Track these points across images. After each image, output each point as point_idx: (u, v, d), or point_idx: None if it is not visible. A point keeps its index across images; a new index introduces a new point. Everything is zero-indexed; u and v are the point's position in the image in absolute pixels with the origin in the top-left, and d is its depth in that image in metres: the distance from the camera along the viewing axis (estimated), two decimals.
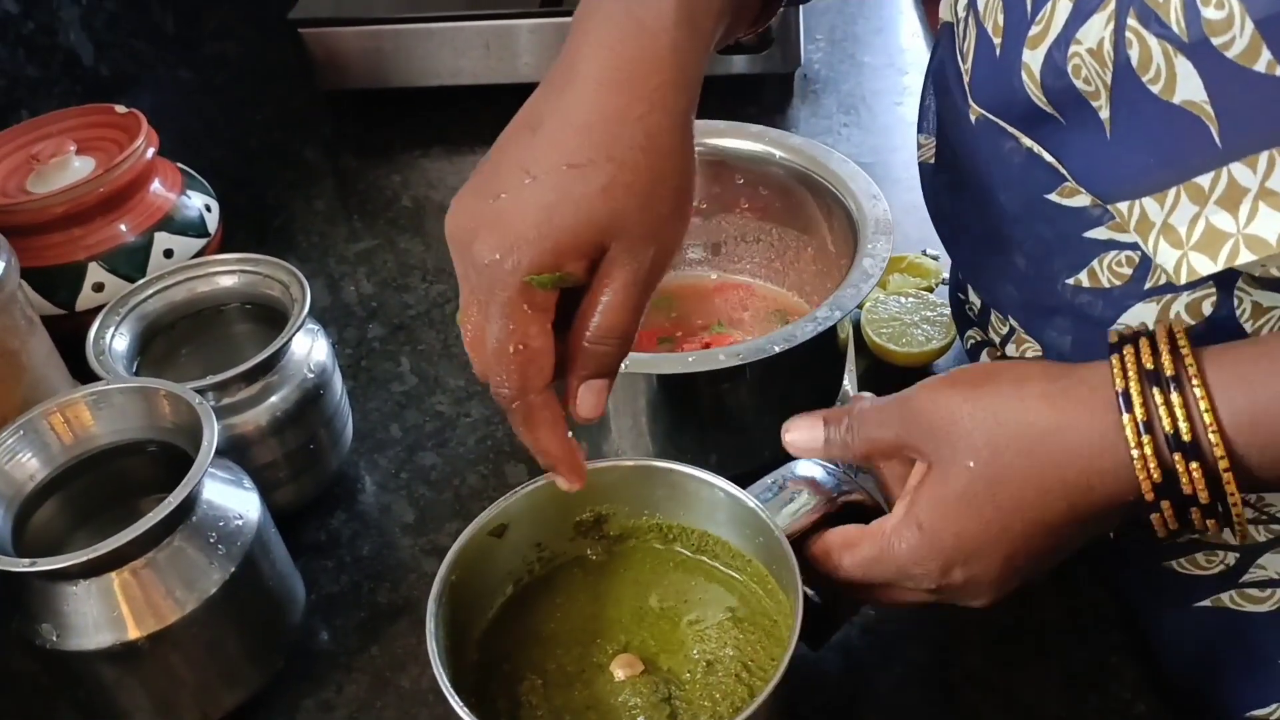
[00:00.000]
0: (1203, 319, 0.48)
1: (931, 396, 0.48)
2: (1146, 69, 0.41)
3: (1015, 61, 0.47)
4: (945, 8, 0.58)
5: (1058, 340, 0.55)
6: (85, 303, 0.77)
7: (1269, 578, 0.56)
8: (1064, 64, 0.44)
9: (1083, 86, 0.44)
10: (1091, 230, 0.50)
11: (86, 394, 0.57)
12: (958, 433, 0.46)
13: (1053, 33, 0.44)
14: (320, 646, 0.62)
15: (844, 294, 0.62)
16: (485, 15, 1.02)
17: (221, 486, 0.57)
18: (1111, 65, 0.42)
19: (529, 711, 0.50)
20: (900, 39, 1.13)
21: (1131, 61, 0.41)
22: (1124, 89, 0.42)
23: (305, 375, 0.65)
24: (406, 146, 1.05)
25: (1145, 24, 0.40)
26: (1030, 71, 0.46)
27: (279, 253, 0.69)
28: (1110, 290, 0.51)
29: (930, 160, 0.64)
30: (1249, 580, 0.57)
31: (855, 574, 0.49)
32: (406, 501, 0.70)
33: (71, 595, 0.52)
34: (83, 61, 1.06)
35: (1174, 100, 0.41)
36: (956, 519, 0.46)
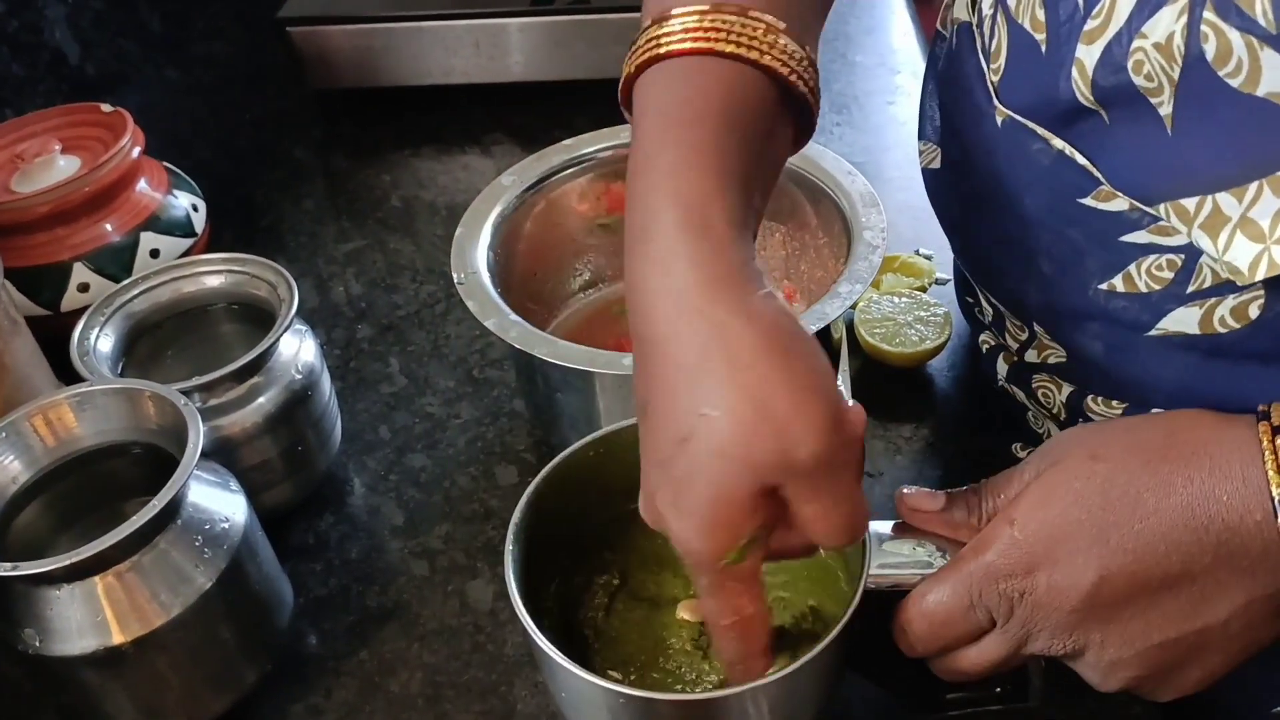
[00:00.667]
0: (1249, 321, 0.47)
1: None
2: (1225, 62, 0.40)
3: (1065, 58, 0.46)
4: (961, 8, 0.57)
5: (1088, 345, 0.54)
6: (70, 303, 0.76)
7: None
8: (1124, 60, 0.43)
9: (1143, 83, 0.43)
10: (1130, 234, 0.49)
11: (70, 395, 0.56)
12: (1103, 433, 0.45)
13: (1113, 27, 0.44)
14: (309, 650, 0.62)
15: (837, 295, 0.61)
16: (475, 14, 1.01)
17: (207, 489, 0.56)
18: (1181, 59, 0.41)
19: (593, 614, 0.53)
20: (892, 39, 1.13)
21: (1207, 55, 0.41)
22: (1194, 83, 0.42)
23: (293, 376, 0.64)
24: (396, 146, 1.04)
25: (1225, 16, 0.39)
26: (1083, 68, 0.45)
27: (267, 252, 0.69)
28: (1149, 295, 0.49)
29: (935, 165, 0.63)
30: None
31: (924, 619, 0.46)
32: (396, 503, 0.69)
33: (55, 599, 0.51)
34: (69, 60, 1.05)
35: (1258, 93, 0.40)
36: (1053, 504, 0.43)
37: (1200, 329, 0.48)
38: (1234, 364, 0.49)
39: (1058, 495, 0.44)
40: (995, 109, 0.52)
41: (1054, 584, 0.43)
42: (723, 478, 0.39)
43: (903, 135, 0.98)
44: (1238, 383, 0.49)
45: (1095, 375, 0.56)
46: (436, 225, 0.93)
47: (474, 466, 0.71)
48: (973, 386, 0.72)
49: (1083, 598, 0.43)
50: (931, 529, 0.48)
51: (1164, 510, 0.42)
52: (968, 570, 0.45)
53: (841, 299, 0.61)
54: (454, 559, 0.65)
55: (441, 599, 0.63)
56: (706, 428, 0.39)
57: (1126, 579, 0.43)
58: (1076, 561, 0.43)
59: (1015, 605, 0.44)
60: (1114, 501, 0.43)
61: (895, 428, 0.70)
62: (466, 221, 0.68)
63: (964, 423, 0.70)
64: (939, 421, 0.70)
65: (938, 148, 0.62)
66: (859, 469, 0.42)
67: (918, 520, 0.48)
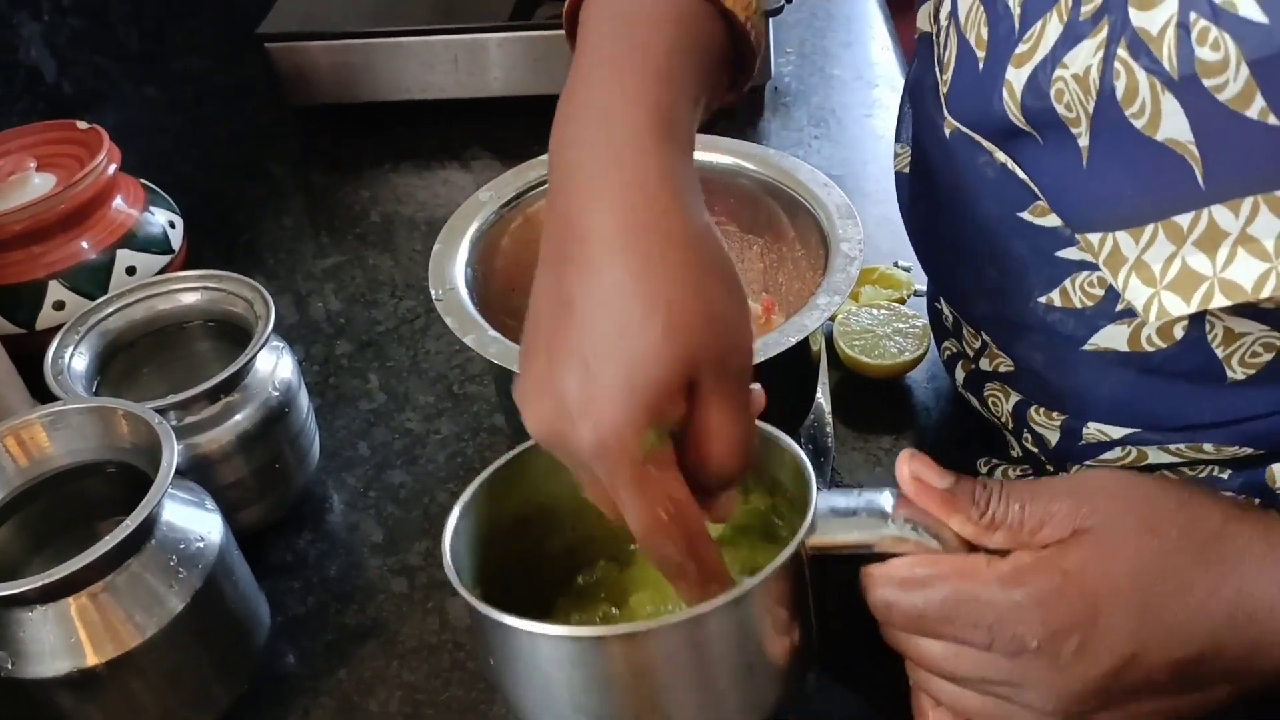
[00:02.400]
0: (1175, 341, 0.48)
1: (1121, 475, 0.45)
2: (1131, 102, 0.40)
3: (997, 78, 0.46)
4: (923, 18, 0.58)
5: (1029, 356, 0.55)
6: (45, 321, 0.75)
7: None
8: (1047, 87, 0.43)
9: (1063, 112, 0.43)
10: (1063, 250, 0.49)
11: (42, 415, 0.56)
12: (1156, 504, 0.43)
13: (1040, 53, 0.44)
14: (286, 670, 0.61)
15: (815, 307, 0.61)
16: (454, 29, 1.01)
17: (182, 508, 0.56)
18: (1095, 94, 0.41)
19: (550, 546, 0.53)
20: (870, 53, 1.13)
21: (1116, 93, 0.41)
22: (1105, 119, 0.42)
23: (270, 393, 0.64)
24: (375, 162, 1.04)
25: (1135, 56, 0.39)
26: (1011, 90, 0.45)
27: (246, 269, 0.68)
28: (1082, 310, 0.50)
29: (905, 170, 0.64)
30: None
31: (917, 604, 0.43)
32: (375, 520, 0.69)
33: (28, 621, 0.51)
34: (45, 78, 1.05)
35: (1157, 137, 0.40)
36: (1113, 568, 0.42)
37: (1129, 346, 0.49)
38: (1167, 381, 0.49)
39: (1118, 561, 0.42)
40: (945, 120, 0.52)
41: (1085, 647, 0.41)
42: (658, 358, 0.40)
43: (880, 148, 0.98)
44: (1171, 400, 0.50)
45: (1037, 386, 0.56)
46: (415, 240, 0.93)
47: (454, 483, 0.71)
48: (952, 398, 0.73)
49: (1107, 670, 0.42)
50: (925, 505, 0.45)
51: (1210, 604, 0.42)
52: (992, 595, 0.42)
53: (820, 311, 0.61)
54: (433, 576, 0.65)
55: (421, 616, 0.63)
56: (650, 312, 0.40)
57: (1160, 659, 0.42)
58: (1117, 633, 0.41)
59: (1027, 652, 0.42)
60: (1166, 583, 0.42)
61: (874, 439, 0.70)
62: (444, 237, 0.68)
63: (943, 435, 0.70)
64: (918, 433, 0.70)
65: (910, 151, 0.63)
66: (745, 368, 0.44)
67: (916, 491, 0.45)
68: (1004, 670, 0.43)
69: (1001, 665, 0.42)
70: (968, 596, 0.42)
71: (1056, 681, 0.42)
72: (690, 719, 0.44)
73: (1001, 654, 0.42)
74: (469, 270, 0.66)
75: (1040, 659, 0.42)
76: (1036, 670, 0.42)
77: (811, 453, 0.69)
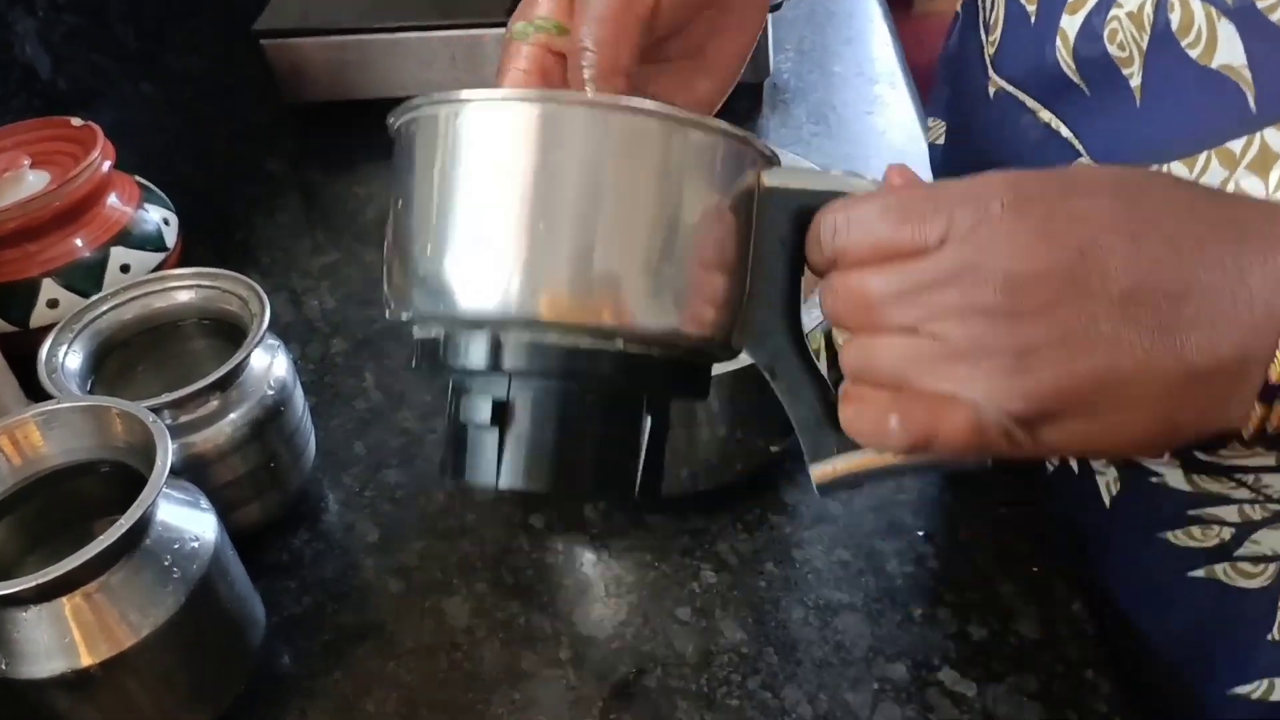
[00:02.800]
0: None
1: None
2: (1187, 32, 0.42)
3: (1051, 28, 0.48)
4: None
5: None
6: (39, 319, 0.75)
7: (1263, 553, 0.54)
8: (1101, 29, 0.45)
9: (1116, 52, 0.45)
10: None
11: (36, 414, 0.55)
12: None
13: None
14: (282, 670, 0.61)
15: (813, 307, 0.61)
16: (451, 25, 1.00)
17: (177, 507, 0.55)
18: (1150, 29, 0.43)
19: None
20: (870, 49, 1.13)
21: (1172, 25, 0.42)
22: (1159, 54, 0.43)
23: (265, 392, 0.63)
24: (371, 159, 1.03)
25: None
26: (1065, 38, 0.47)
27: (241, 267, 0.68)
28: None
29: (940, 141, 0.66)
30: (1244, 554, 0.55)
31: (870, 212, 0.37)
32: (371, 520, 0.68)
33: (22, 621, 0.50)
34: (40, 75, 1.04)
35: (1212, 64, 0.41)
36: (1101, 173, 0.38)
37: None
38: None
39: (1104, 172, 0.38)
40: (990, 80, 0.54)
41: (1051, 217, 0.35)
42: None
43: (881, 145, 0.97)
44: None
45: None
46: None
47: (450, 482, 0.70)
48: None
49: (1069, 246, 0.34)
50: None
51: (1202, 229, 0.34)
52: (954, 184, 0.37)
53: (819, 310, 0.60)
54: (430, 576, 0.65)
55: (418, 617, 0.62)
56: None
57: (1126, 257, 0.34)
58: (1090, 213, 0.35)
59: (989, 221, 0.35)
60: (1152, 193, 0.36)
61: None
62: None
63: None
64: None
65: (944, 124, 0.64)
66: None
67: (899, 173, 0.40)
68: (960, 259, 0.35)
69: (958, 254, 0.35)
70: (927, 191, 0.37)
71: (1012, 254, 0.35)
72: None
73: (959, 237, 0.35)
74: None
75: (1002, 225, 0.35)
76: (992, 241, 0.35)
77: None
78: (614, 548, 0.65)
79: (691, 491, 0.65)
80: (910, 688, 0.57)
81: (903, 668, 0.57)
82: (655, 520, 0.66)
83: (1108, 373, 0.34)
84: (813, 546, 0.64)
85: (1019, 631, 0.58)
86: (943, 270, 0.36)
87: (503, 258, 0.37)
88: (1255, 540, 0.54)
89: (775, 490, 0.67)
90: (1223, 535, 0.55)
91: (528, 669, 0.59)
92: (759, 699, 0.57)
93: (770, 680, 0.57)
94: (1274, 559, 0.54)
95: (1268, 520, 0.54)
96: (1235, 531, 0.55)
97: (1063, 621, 0.59)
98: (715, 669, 0.58)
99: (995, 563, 0.62)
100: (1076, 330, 0.34)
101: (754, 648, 0.59)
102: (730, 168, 0.39)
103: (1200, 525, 0.56)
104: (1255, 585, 0.56)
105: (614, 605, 0.62)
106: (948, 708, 0.56)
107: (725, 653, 0.59)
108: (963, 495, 0.65)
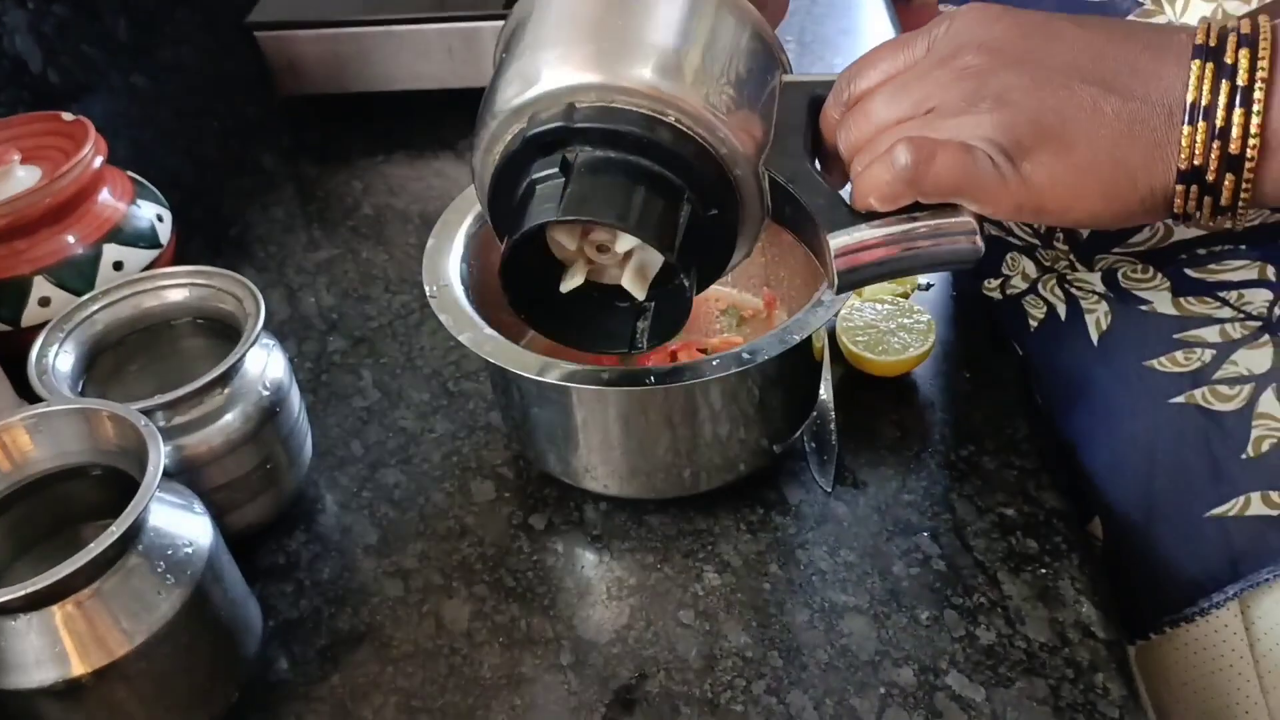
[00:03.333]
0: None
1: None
2: None
3: None
4: None
5: None
6: (31, 318, 0.74)
7: (1240, 374, 0.61)
8: None
9: None
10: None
11: (25, 417, 0.54)
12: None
13: None
14: (278, 676, 0.60)
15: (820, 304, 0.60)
16: (448, 18, 0.99)
17: (170, 512, 0.54)
18: None
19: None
20: (870, 41, 1.11)
21: None
22: None
23: (260, 392, 0.62)
24: (367, 153, 1.02)
25: None
26: None
27: (236, 263, 0.67)
28: None
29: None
30: (1221, 377, 0.61)
31: (879, 55, 0.49)
32: (369, 521, 0.67)
33: (11, 630, 0.49)
34: (30, 69, 1.03)
35: None
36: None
37: None
38: None
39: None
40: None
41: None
42: None
43: None
44: None
45: None
46: (409, 234, 0.92)
47: (449, 482, 0.69)
48: (956, 395, 0.71)
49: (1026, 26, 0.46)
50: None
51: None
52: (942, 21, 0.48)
53: (824, 308, 0.59)
54: (429, 578, 0.64)
55: (416, 620, 0.61)
56: None
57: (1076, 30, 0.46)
58: (1043, 7, 0.48)
59: (957, 20, 0.47)
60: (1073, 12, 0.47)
61: (879, 437, 0.69)
62: (437, 233, 0.66)
63: (948, 431, 0.69)
64: (923, 430, 0.69)
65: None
66: None
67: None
68: (942, 49, 0.47)
69: (941, 47, 0.47)
70: (919, 31, 0.49)
71: (984, 29, 0.46)
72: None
73: (940, 37, 0.47)
74: (463, 266, 0.65)
75: (973, 14, 0.47)
76: (967, 27, 0.47)
77: (815, 450, 0.68)
78: (615, 549, 0.64)
79: (694, 492, 0.64)
80: (917, 693, 0.56)
81: (909, 672, 0.57)
82: (657, 521, 0.65)
83: (1068, 108, 0.44)
84: (817, 548, 0.63)
85: (1028, 635, 0.57)
86: (931, 63, 0.47)
87: (600, 42, 0.49)
88: (1233, 361, 0.61)
89: (779, 491, 0.66)
90: (1204, 358, 0.61)
91: (528, 673, 0.58)
92: (764, 704, 0.56)
93: (775, 685, 0.57)
94: (1249, 379, 0.60)
95: (1246, 338, 0.61)
96: (1215, 353, 0.61)
97: (1072, 625, 0.58)
98: (719, 673, 0.57)
99: (1003, 565, 0.61)
100: (1041, 78, 0.44)
101: (758, 651, 0.58)
102: (766, 49, 0.52)
103: (1184, 349, 0.62)
104: (1231, 408, 0.61)
105: (615, 608, 0.61)
106: (955, 713, 0.55)
107: (729, 656, 0.58)
108: (969, 495, 0.65)
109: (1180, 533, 0.62)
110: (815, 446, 0.68)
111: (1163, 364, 0.63)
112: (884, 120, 0.47)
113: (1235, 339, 0.61)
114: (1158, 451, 0.63)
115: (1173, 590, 0.63)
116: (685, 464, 0.62)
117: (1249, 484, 0.60)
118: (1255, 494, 0.60)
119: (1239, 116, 0.43)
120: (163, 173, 0.89)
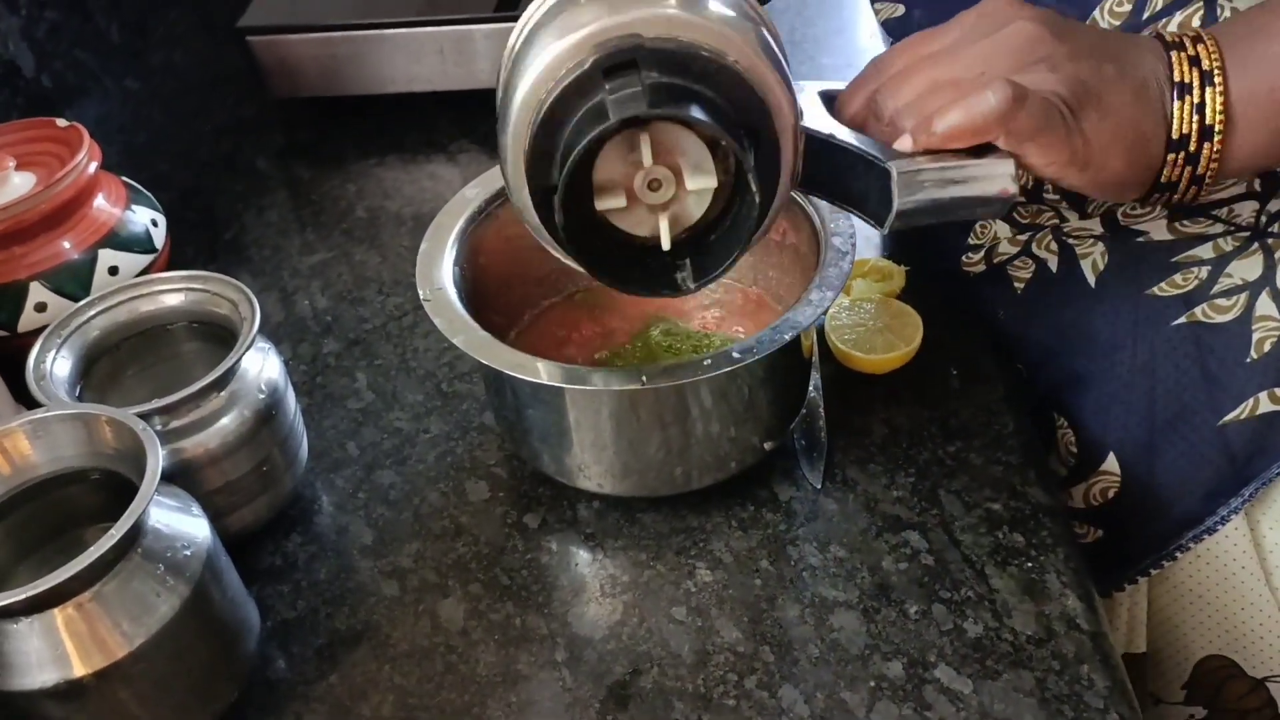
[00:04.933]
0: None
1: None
2: None
3: None
4: None
5: None
6: (27, 324, 0.74)
7: (1235, 284, 0.64)
8: None
9: None
10: None
11: (24, 422, 0.55)
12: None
13: None
14: (276, 675, 0.60)
15: (809, 303, 0.60)
16: (440, 20, 1.00)
17: (169, 514, 0.55)
18: None
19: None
20: (859, 40, 1.12)
21: None
22: None
23: (257, 395, 0.63)
24: (361, 155, 1.03)
25: None
26: None
27: (230, 266, 0.68)
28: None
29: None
30: (1218, 290, 0.64)
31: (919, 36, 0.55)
32: (365, 522, 0.68)
33: (13, 633, 0.50)
34: (23, 73, 1.03)
35: None
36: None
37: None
38: None
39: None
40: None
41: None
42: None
43: None
44: None
45: None
46: (403, 236, 0.92)
47: (444, 482, 0.70)
48: (944, 392, 0.72)
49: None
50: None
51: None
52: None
53: (814, 307, 0.60)
54: (425, 578, 0.64)
55: (412, 619, 0.62)
56: None
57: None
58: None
59: (988, 5, 0.54)
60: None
61: (867, 435, 0.70)
62: (431, 236, 0.67)
63: (935, 428, 0.70)
64: (911, 427, 0.70)
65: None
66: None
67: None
68: (981, 27, 0.53)
69: (978, 27, 0.53)
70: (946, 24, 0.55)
71: (1014, 15, 0.52)
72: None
73: (970, 23, 0.53)
74: (457, 269, 0.66)
75: (1004, 5, 0.53)
76: (1000, 11, 0.53)
77: (805, 448, 0.68)
78: (608, 547, 0.65)
79: (685, 490, 0.65)
80: (907, 686, 0.57)
81: (899, 665, 0.57)
82: (649, 519, 0.66)
83: (1100, 78, 0.52)
84: (807, 544, 0.64)
85: (1014, 628, 0.58)
86: (973, 38, 0.53)
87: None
88: (1228, 273, 0.64)
89: (769, 488, 0.67)
90: (1200, 275, 0.64)
91: (523, 670, 0.59)
92: (756, 698, 0.57)
93: (767, 679, 0.57)
94: (1244, 288, 0.64)
95: (1238, 249, 0.64)
96: (1210, 269, 0.64)
97: (1058, 618, 0.59)
98: (711, 668, 0.58)
99: (990, 559, 0.62)
100: (1075, 52, 0.52)
101: (750, 647, 0.59)
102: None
103: (1181, 271, 0.65)
104: (1229, 319, 0.64)
105: (609, 605, 0.62)
106: (944, 705, 0.56)
107: (721, 652, 0.59)
108: (957, 491, 0.65)
109: (1193, 449, 0.65)
110: (805, 444, 0.69)
111: (1162, 289, 0.66)
112: (939, 79, 0.52)
113: (1227, 251, 0.64)
114: (1159, 375, 0.66)
115: (1191, 504, 0.66)
116: (677, 462, 0.63)
117: (1256, 385, 0.64)
118: (1263, 394, 0.64)
119: (1210, 94, 0.52)
120: (156, 176, 0.90)
